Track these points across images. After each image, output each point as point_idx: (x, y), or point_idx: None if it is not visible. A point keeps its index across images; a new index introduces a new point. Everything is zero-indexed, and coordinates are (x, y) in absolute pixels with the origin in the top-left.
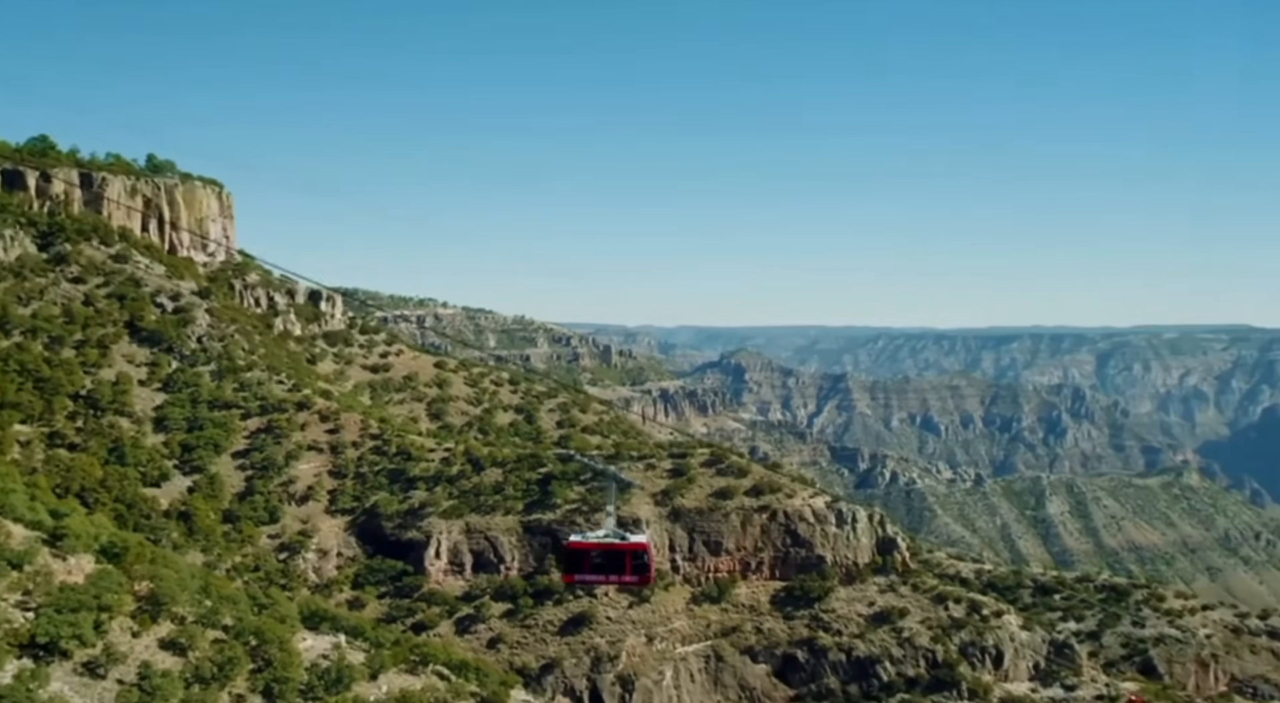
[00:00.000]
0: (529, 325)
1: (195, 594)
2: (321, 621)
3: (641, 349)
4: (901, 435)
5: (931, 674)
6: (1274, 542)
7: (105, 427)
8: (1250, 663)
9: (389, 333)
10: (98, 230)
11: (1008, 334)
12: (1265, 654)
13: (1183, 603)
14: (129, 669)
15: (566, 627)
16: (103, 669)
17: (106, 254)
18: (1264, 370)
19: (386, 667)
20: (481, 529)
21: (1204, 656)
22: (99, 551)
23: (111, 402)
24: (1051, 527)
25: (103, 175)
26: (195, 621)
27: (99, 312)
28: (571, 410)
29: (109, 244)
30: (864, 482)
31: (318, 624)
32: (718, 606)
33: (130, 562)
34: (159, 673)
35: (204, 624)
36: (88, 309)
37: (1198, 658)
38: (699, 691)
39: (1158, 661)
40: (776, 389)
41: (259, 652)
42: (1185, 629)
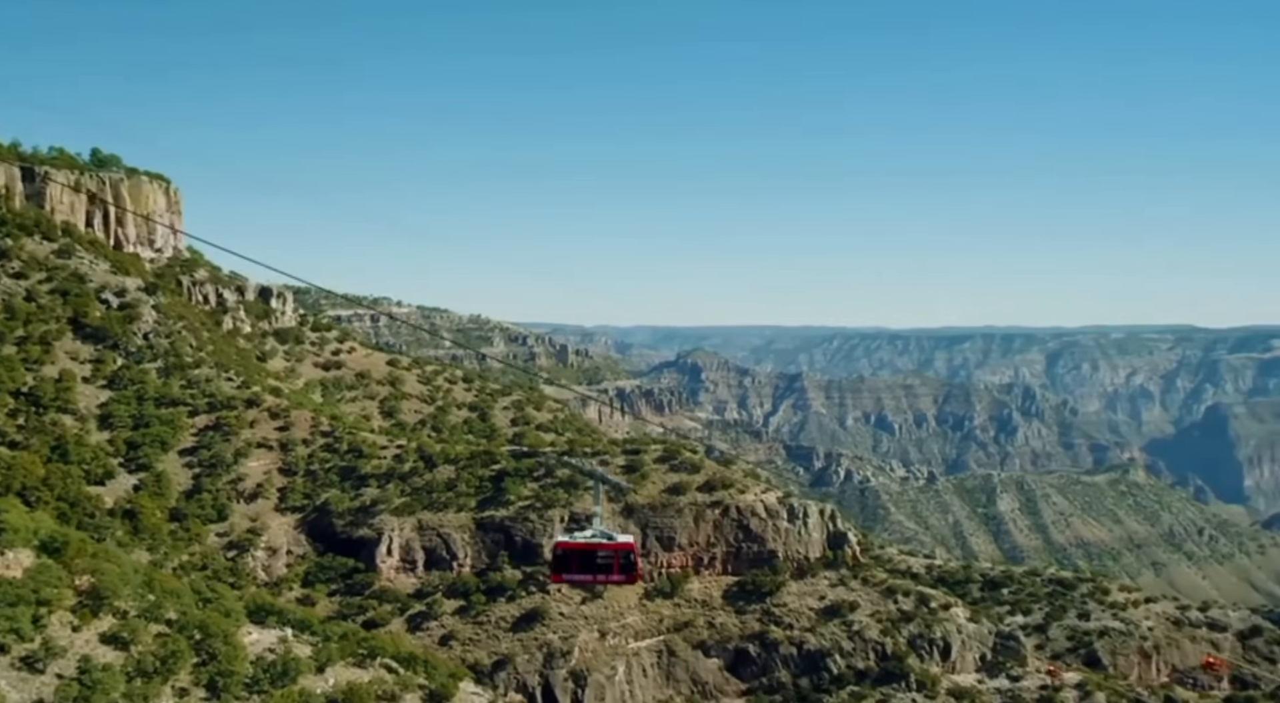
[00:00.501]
0: (485, 325)
1: (138, 589)
2: (268, 615)
3: (598, 349)
4: (856, 434)
5: (881, 667)
6: (1216, 537)
7: (48, 424)
8: (1190, 654)
9: (341, 331)
10: (40, 225)
11: (960, 334)
12: (1205, 645)
13: (1126, 596)
14: (69, 664)
15: (519, 623)
16: (41, 664)
17: (49, 249)
18: (1207, 370)
19: (334, 660)
20: (434, 526)
21: (1146, 647)
22: (38, 546)
23: (54, 399)
24: (1002, 524)
25: (45, 169)
26: (138, 615)
27: (41, 308)
28: (526, 408)
29: (52, 239)
30: (819, 480)
31: (264, 619)
32: (671, 601)
33: (71, 556)
34: (99, 667)
35: (146, 619)
36: (30, 305)
37: (1140, 650)
38: (651, 685)
39: (1102, 652)
40: (733, 389)
41: (203, 646)
42: (1128, 622)
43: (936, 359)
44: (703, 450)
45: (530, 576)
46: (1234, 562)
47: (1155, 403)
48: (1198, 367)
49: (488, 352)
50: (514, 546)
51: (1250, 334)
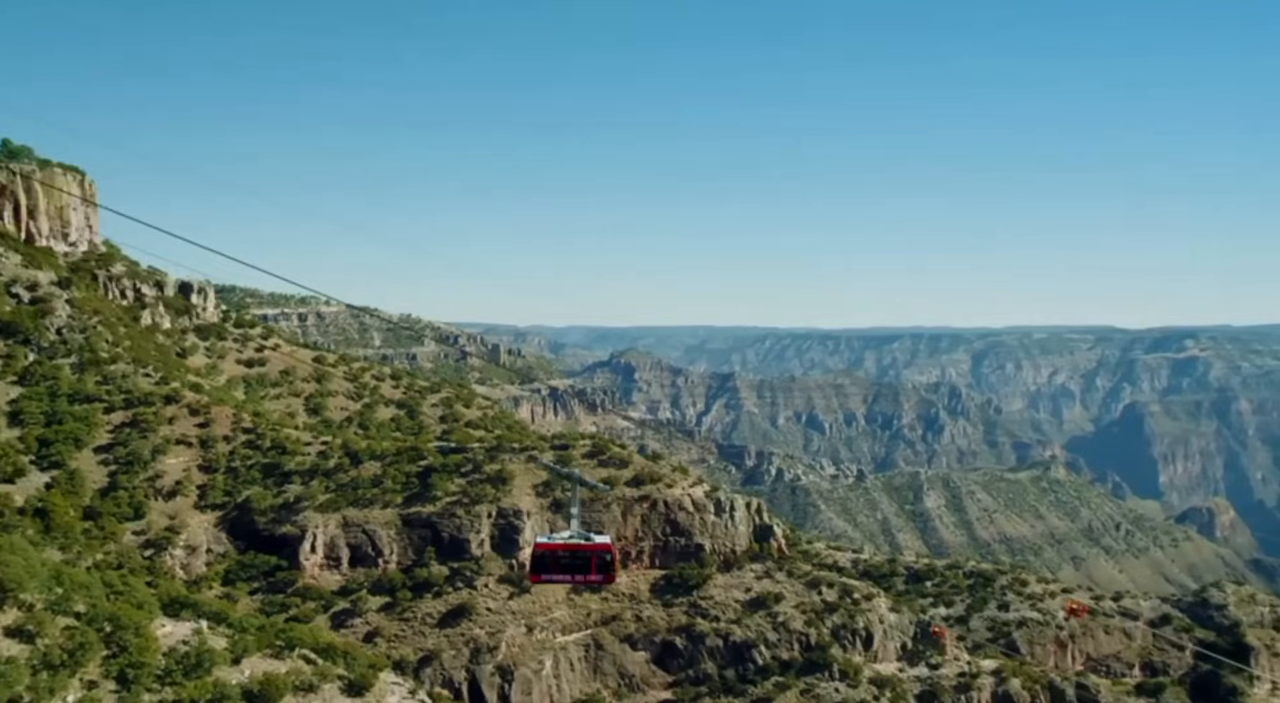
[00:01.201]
0: (416, 324)
1: (46, 582)
2: (182, 608)
3: (532, 349)
4: (788, 433)
5: (805, 657)
6: (1133, 532)
7: None
8: (1104, 643)
9: (266, 328)
10: None
11: (889, 335)
12: (1118, 635)
13: (1044, 588)
14: None
15: (446, 619)
16: None
17: None
18: (1125, 369)
19: (250, 652)
20: (359, 523)
21: (1062, 636)
22: None
23: None
24: (929, 520)
25: None
26: (45, 608)
27: None
28: (455, 405)
29: None
30: (751, 478)
31: (178, 612)
32: (598, 595)
33: None
34: (3, 660)
35: (54, 611)
36: None
37: (1057, 639)
38: (578, 679)
39: (1020, 642)
40: (666, 388)
41: (113, 638)
42: (1046, 612)
43: (866, 359)
44: (632, 446)
45: (457, 571)
46: (1149, 555)
47: (1076, 402)
48: (1116, 366)
49: (419, 351)
50: (441, 542)
51: (1165, 335)
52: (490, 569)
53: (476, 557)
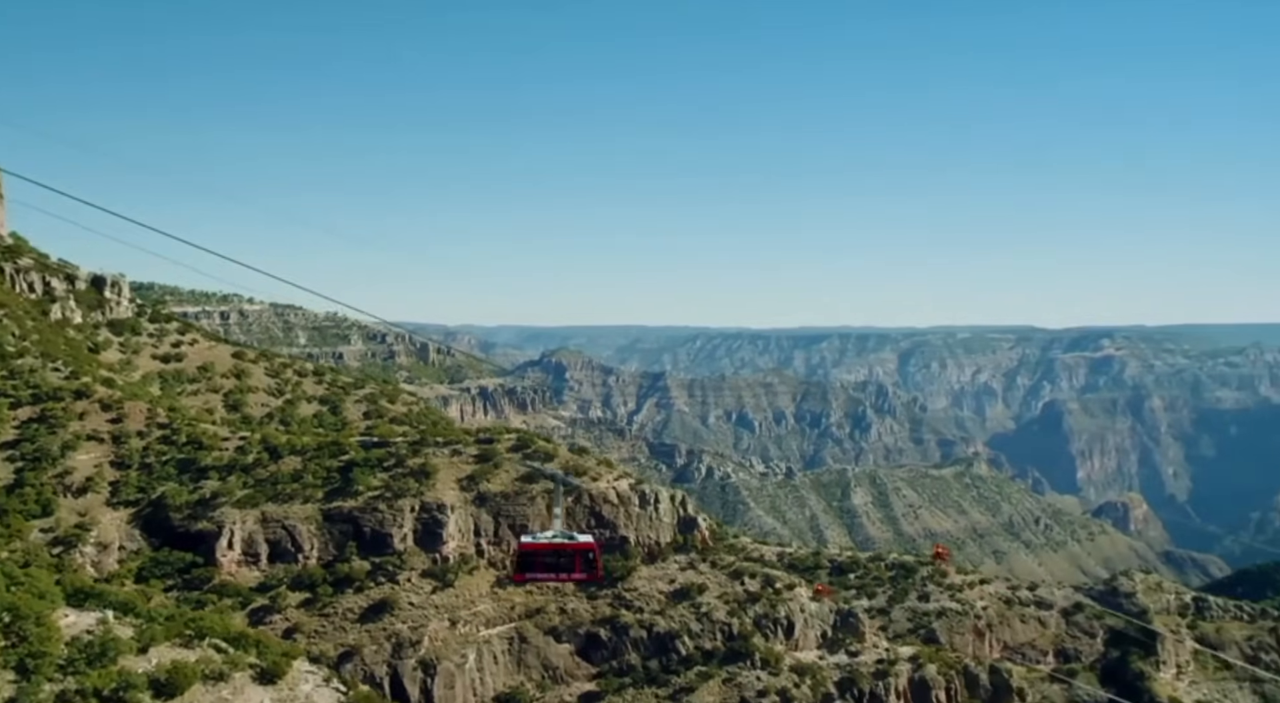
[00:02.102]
0: (342, 323)
1: None
2: (88, 598)
3: (462, 348)
4: (718, 432)
5: (728, 646)
6: (1051, 526)
7: None
8: (1020, 631)
9: (183, 323)
10: None
11: (818, 334)
12: (1033, 623)
13: (963, 578)
14: None
15: (367, 614)
16: None
17: None
18: (1045, 368)
19: (157, 641)
20: (278, 518)
21: (980, 626)
22: None
23: None
24: (856, 517)
25: None
26: None
27: None
28: (380, 401)
29: None
30: (681, 477)
31: (83, 602)
32: (522, 588)
33: None
34: None
35: None
36: None
37: (974, 628)
38: (502, 672)
39: (940, 631)
40: (597, 387)
41: (13, 628)
42: (964, 602)
43: (796, 358)
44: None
45: (379, 566)
46: (1067, 549)
47: (998, 400)
48: (1036, 365)
49: (345, 350)
50: (363, 536)
51: (1083, 335)
52: (413, 564)
53: (399, 551)
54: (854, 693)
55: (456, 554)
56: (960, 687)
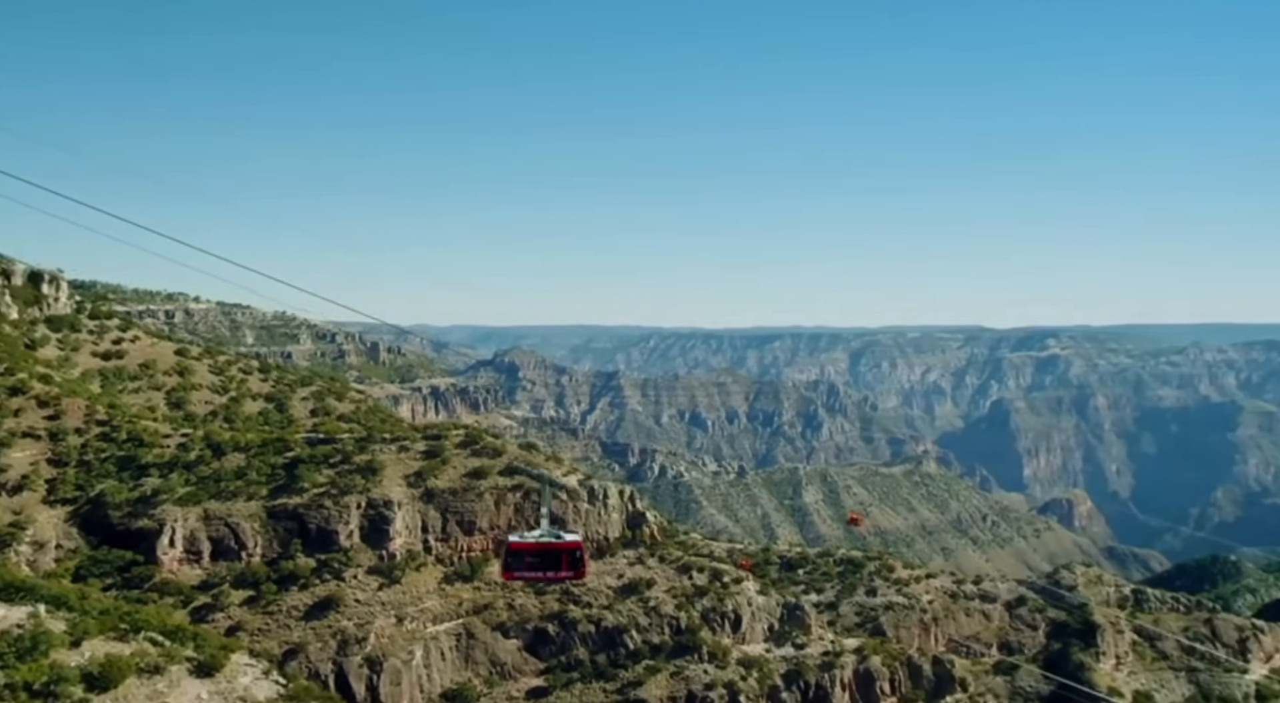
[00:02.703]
0: (290, 322)
1: None
2: (18, 592)
3: (413, 348)
4: (671, 431)
5: (675, 640)
6: (998, 523)
7: None
8: (965, 625)
9: (124, 320)
10: None
11: (770, 334)
12: (978, 616)
13: (909, 573)
14: None
15: (312, 611)
16: None
17: None
18: (993, 367)
19: (91, 634)
20: (221, 516)
21: (926, 619)
22: None
23: None
24: (807, 515)
25: None
26: None
27: None
28: (327, 399)
29: None
30: (634, 476)
31: (14, 596)
32: (470, 584)
33: None
34: None
35: None
36: None
37: (920, 622)
38: (450, 668)
39: (886, 625)
40: (550, 387)
41: None
42: (911, 596)
43: (749, 358)
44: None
45: (325, 563)
46: (1013, 545)
47: (947, 398)
48: (984, 364)
49: (294, 350)
50: (308, 533)
51: (1029, 334)
52: (360, 560)
53: (345, 548)
54: (800, 685)
55: (404, 551)
56: (904, 678)
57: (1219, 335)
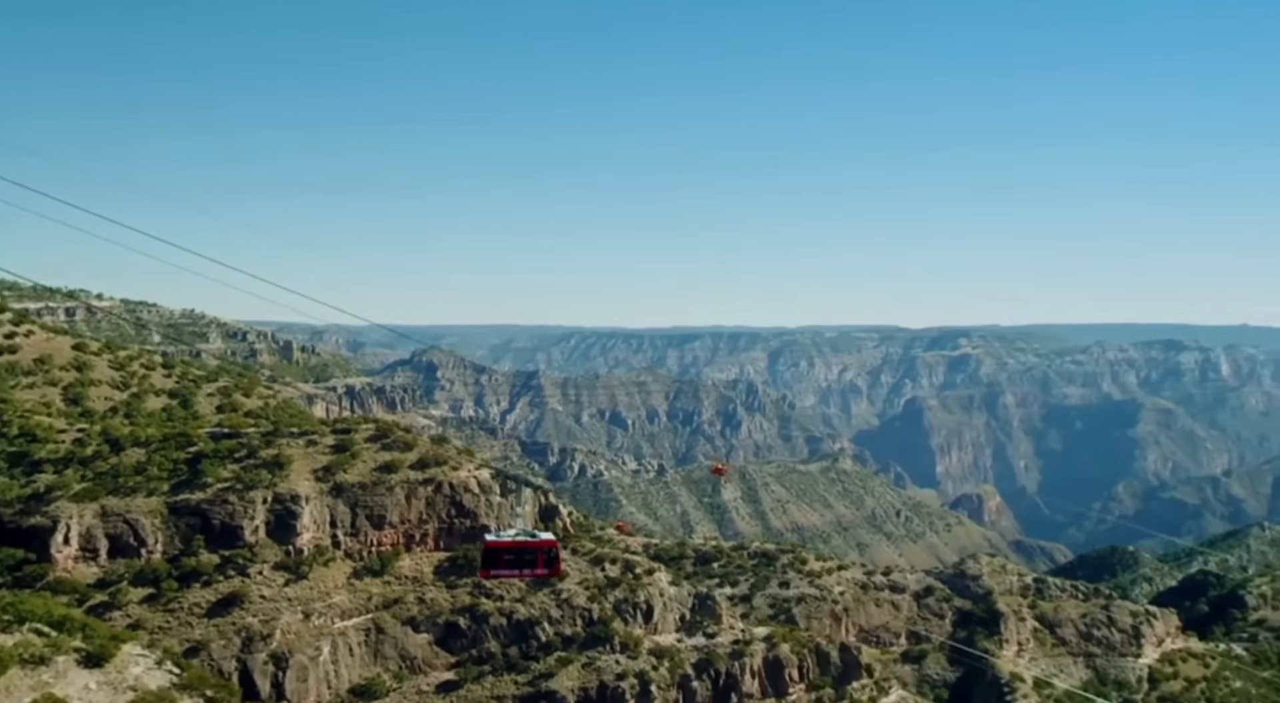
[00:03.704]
0: (199, 320)
1: None
2: None
3: (329, 347)
4: (591, 430)
5: (588, 631)
6: (912, 518)
7: None
8: (875, 615)
9: (16, 314)
10: None
11: (691, 333)
12: (887, 606)
13: (821, 565)
14: None
15: (215, 608)
16: None
17: None
18: (907, 366)
19: None
20: (120, 512)
21: (837, 610)
22: None
23: None
24: (726, 512)
25: None
26: None
27: None
28: (234, 395)
29: None
30: (554, 475)
31: None
32: (380, 579)
33: None
34: None
35: None
36: None
37: (832, 613)
38: (358, 664)
39: (799, 617)
40: (469, 387)
41: None
42: (823, 588)
43: (669, 357)
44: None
45: (229, 559)
46: (925, 540)
47: (863, 397)
48: (899, 363)
49: (203, 349)
50: (212, 529)
51: (942, 334)
52: (265, 556)
53: (250, 544)
54: (711, 674)
55: (311, 546)
56: (812, 665)
57: (1120, 335)
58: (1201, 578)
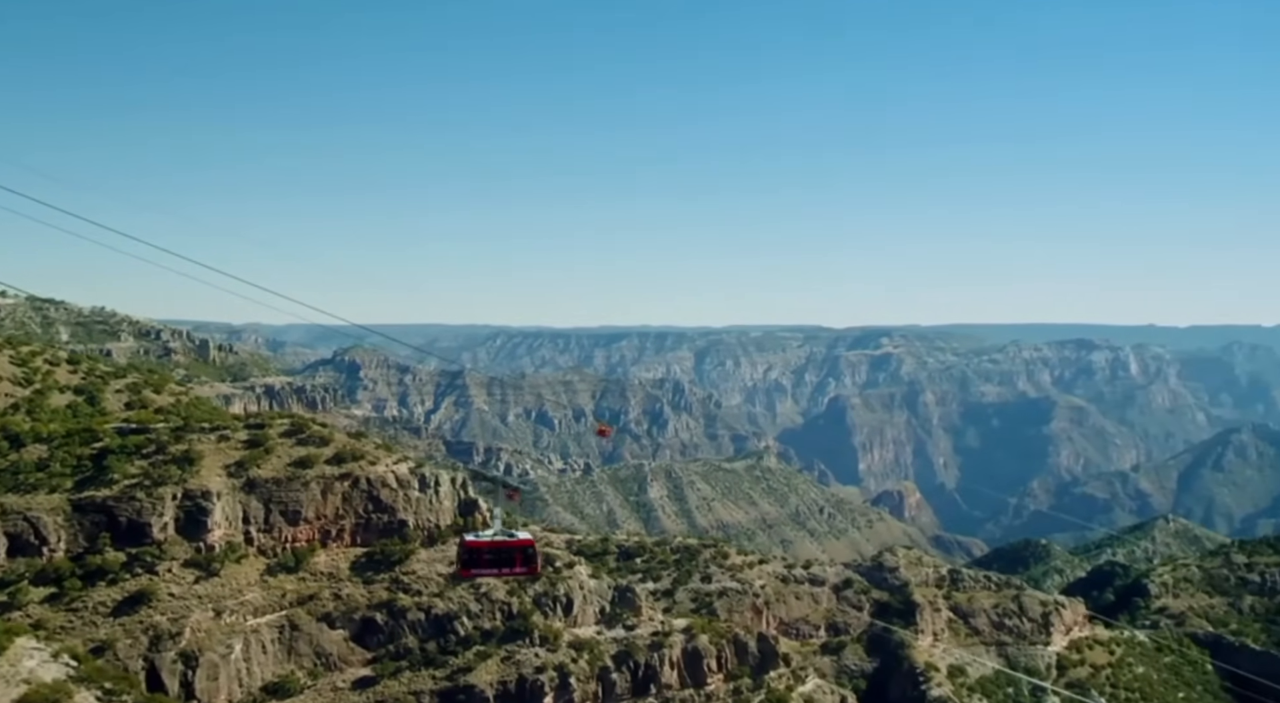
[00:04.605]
0: (110, 318)
1: None
2: None
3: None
4: (518, 430)
5: (507, 625)
6: (835, 515)
7: None
8: (795, 608)
9: None
10: None
11: (618, 333)
12: (807, 599)
13: (743, 559)
14: None
15: (121, 607)
16: None
17: None
18: (830, 366)
19: None
20: (20, 510)
21: (758, 603)
22: None
23: None
24: (652, 510)
25: None
26: None
27: None
28: (144, 391)
29: None
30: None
31: None
32: (295, 575)
33: None
34: None
35: None
36: None
37: (753, 606)
38: (271, 662)
39: (721, 610)
40: (393, 386)
41: None
42: (744, 582)
43: (596, 357)
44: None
45: (136, 557)
46: (848, 536)
47: (788, 396)
48: (823, 363)
49: (114, 347)
50: (118, 527)
51: (865, 334)
52: (175, 553)
53: (159, 541)
54: (630, 665)
55: (223, 543)
56: (731, 655)
57: (1035, 335)
58: (1109, 569)
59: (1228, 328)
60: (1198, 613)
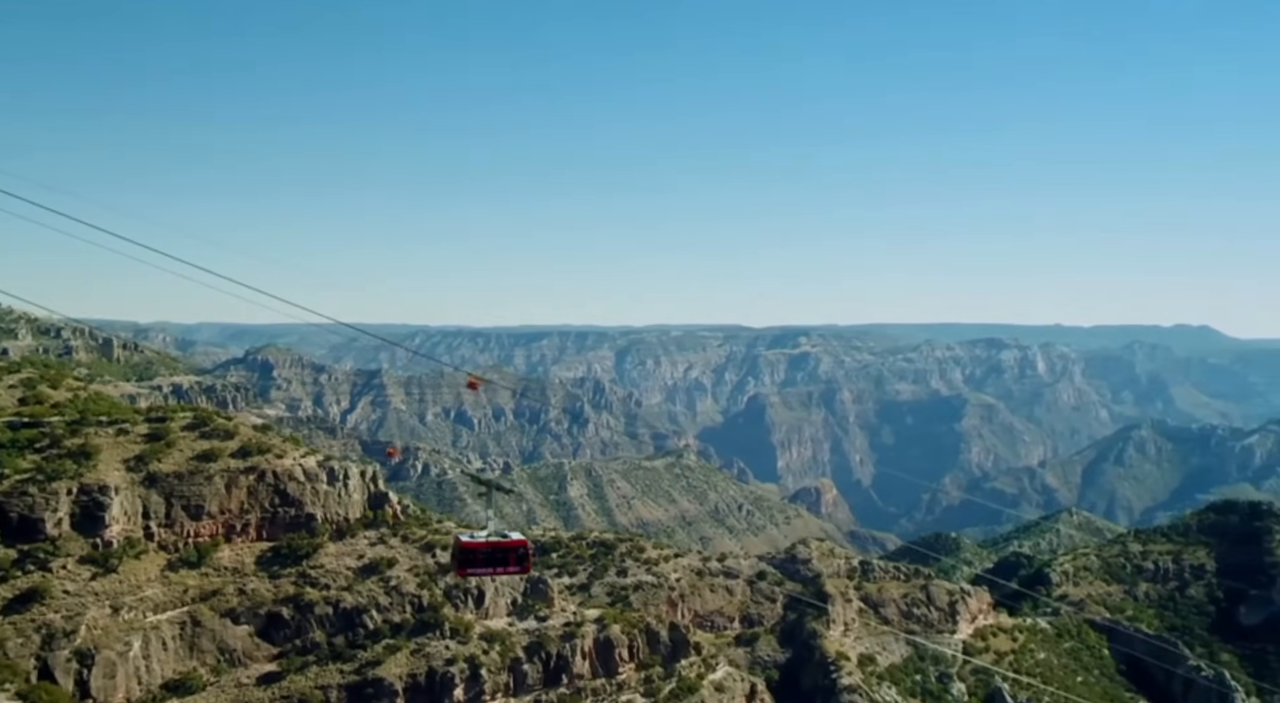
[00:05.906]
0: (7, 316)
1: None
2: None
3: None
4: (436, 429)
5: (417, 618)
6: (753, 512)
7: None
8: (710, 600)
9: None
10: None
11: (539, 332)
12: (721, 592)
13: (659, 553)
14: None
15: (12, 605)
16: None
17: None
18: (750, 365)
19: None
20: None
21: (674, 596)
22: None
23: None
24: (572, 509)
25: None
26: None
27: None
28: (39, 386)
29: None
30: (396, 474)
31: None
32: (197, 571)
33: None
34: None
35: None
36: None
37: (669, 599)
38: (173, 658)
39: (636, 603)
40: (308, 386)
41: None
42: (660, 575)
43: (516, 356)
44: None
45: (28, 554)
46: (766, 532)
47: (708, 394)
48: (742, 362)
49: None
50: (9, 523)
51: (784, 333)
52: (70, 550)
53: (53, 537)
54: (542, 656)
55: (121, 538)
56: (643, 644)
57: (948, 334)
58: (1014, 560)
59: (1129, 328)
60: (1096, 600)
